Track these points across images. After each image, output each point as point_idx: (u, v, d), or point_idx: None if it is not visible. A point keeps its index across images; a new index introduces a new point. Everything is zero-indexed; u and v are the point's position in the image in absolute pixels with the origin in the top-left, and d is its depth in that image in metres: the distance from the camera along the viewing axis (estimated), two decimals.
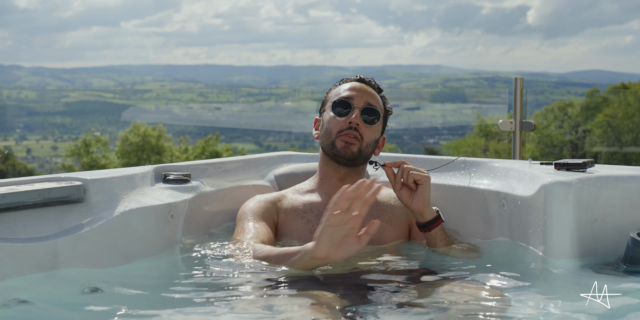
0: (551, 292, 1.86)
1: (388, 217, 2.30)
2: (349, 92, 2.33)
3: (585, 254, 2.09)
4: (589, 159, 2.27)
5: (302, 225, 2.26)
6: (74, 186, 2.10)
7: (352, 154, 2.28)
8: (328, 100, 2.37)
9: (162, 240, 2.22)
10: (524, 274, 2.00)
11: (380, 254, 2.19)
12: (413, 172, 2.17)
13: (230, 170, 2.62)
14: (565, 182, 2.10)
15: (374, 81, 2.41)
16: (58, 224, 2.02)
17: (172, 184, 2.38)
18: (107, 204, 2.13)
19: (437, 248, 2.21)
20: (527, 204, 2.19)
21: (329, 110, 2.33)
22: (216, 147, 18.25)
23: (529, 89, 5.11)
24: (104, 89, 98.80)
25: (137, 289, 1.86)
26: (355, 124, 2.27)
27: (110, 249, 2.07)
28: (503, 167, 2.43)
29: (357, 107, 2.29)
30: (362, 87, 2.35)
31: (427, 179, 2.17)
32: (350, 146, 2.27)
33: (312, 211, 2.28)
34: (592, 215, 2.13)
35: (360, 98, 2.31)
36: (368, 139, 2.29)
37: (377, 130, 2.32)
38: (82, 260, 2.00)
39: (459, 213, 2.44)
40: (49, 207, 2.05)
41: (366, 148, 2.30)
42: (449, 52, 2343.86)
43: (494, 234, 2.34)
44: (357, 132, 2.27)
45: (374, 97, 2.35)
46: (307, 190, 2.37)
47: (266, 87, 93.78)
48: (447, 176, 2.52)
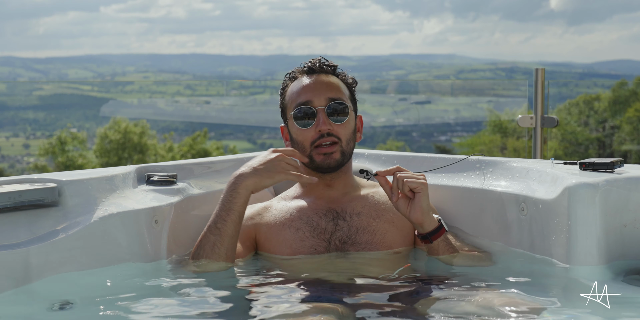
0: (575, 306, 1.86)
1: (390, 217, 2.30)
2: (305, 95, 2.29)
3: (614, 265, 2.09)
4: (617, 159, 2.27)
5: (291, 234, 2.25)
6: (48, 188, 2.10)
7: (336, 161, 2.28)
8: (286, 106, 2.35)
9: (146, 248, 2.21)
10: (544, 286, 2.00)
11: (388, 260, 2.19)
12: (408, 180, 2.15)
13: (220, 171, 2.62)
14: (592, 183, 2.10)
15: (322, 62, 2.35)
16: (30, 230, 2.02)
17: (157, 186, 2.38)
18: (85, 208, 2.13)
19: (439, 256, 2.21)
20: (549, 208, 2.19)
21: (292, 120, 2.31)
22: (204, 145, 18.26)
23: (551, 80, 5.12)
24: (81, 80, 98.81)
25: (116, 303, 1.86)
26: (326, 130, 2.26)
27: (87, 258, 2.07)
28: (522, 167, 2.43)
29: (320, 108, 2.27)
30: (316, 81, 2.31)
31: (424, 187, 2.16)
32: (330, 156, 2.27)
33: (301, 219, 2.27)
34: (621, 221, 2.13)
35: (319, 96, 2.28)
36: (346, 135, 2.29)
37: (350, 121, 2.31)
38: (57, 270, 2.00)
39: (473, 218, 2.44)
40: (20, 212, 2.05)
41: (347, 145, 2.30)
42: (463, 40, 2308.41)
43: (512, 241, 2.34)
44: (331, 137, 2.27)
45: (333, 86, 2.31)
46: (294, 196, 2.37)
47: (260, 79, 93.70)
48: (460, 177, 2.52)
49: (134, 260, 2.17)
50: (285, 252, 2.23)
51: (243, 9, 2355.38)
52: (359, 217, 2.27)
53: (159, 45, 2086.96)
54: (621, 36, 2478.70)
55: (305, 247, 2.22)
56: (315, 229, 2.24)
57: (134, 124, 17.85)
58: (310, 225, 2.25)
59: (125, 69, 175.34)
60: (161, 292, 1.96)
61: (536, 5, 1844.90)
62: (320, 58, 2.37)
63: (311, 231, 2.24)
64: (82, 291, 1.95)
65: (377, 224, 2.27)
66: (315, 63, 2.34)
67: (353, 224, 2.26)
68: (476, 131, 18.76)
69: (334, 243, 2.23)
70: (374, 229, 2.25)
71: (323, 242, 2.23)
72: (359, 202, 2.31)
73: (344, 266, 2.14)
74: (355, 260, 2.18)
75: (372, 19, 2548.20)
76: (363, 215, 2.27)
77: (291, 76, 2.37)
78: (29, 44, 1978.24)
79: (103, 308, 1.83)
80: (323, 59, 2.37)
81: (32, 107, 16.07)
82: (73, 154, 17.30)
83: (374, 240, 2.24)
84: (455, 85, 12.19)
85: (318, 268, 2.13)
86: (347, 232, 2.24)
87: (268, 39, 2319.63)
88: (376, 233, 2.25)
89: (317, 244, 2.22)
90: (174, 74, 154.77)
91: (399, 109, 9.15)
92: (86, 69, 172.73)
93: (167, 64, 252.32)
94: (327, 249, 2.22)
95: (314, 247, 2.22)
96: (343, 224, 2.26)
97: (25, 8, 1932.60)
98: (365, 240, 2.24)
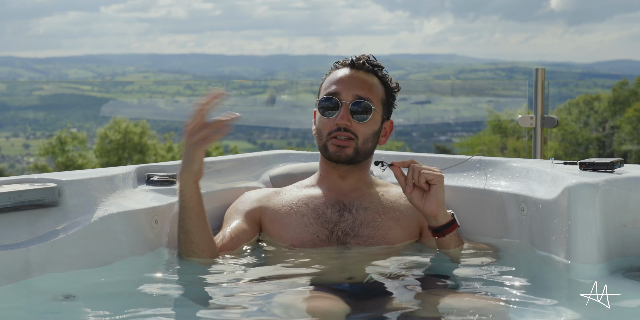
0: (575, 306, 1.86)
1: (396, 216, 2.31)
2: (335, 86, 2.31)
3: (614, 262, 2.09)
4: (617, 159, 2.27)
5: (296, 219, 2.28)
6: (48, 188, 2.10)
7: (347, 156, 2.29)
8: (320, 92, 2.38)
9: (146, 247, 2.22)
10: (544, 286, 2.00)
11: (388, 256, 2.19)
12: (425, 172, 2.17)
13: (220, 171, 2.63)
14: (592, 183, 2.10)
15: (368, 60, 2.36)
16: (30, 230, 2.02)
17: (157, 186, 2.38)
18: (85, 208, 2.13)
19: (449, 250, 2.22)
20: (549, 208, 2.19)
21: (317, 106, 2.34)
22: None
23: (551, 80, 5.12)
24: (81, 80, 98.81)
25: (116, 301, 1.87)
26: (344, 125, 2.27)
27: (87, 258, 2.07)
28: (522, 167, 2.43)
29: (345, 103, 2.28)
30: (352, 76, 2.32)
31: (440, 179, 2.17)
32: (343, 149, 2.28)
33: (308, 205, 2.30)
34: (621, 221, 2.13)
35: (348, 91, 2.29)
36: (364, 134, 2.30)
37: (373, 122, 2.31)
38: (57, 269, 2.00)
39: (473, 218, 2.44)
40: (20, 212, 2.05)
41: (364, 144, 2.30)
42: (463, 40, 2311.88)
43: (512, 240, 2.34)
44: (348, 132, 2.28)
45: (366, 85, 2.32)
46: (307, 185, 2.41)
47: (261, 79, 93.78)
48: (461, 177, 2.52)
49: (134, 260, 2.17)
50: (287, 236, 2.26)
51: (243, 9, 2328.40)
52: (365, 211, 2.29)
53: (159, 45, 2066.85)
54: (621, 36, 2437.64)
55: (307, 233, 2.24)
56: (320, 217, 2.27)
57: (134, 124, 17.86)
58: (316, 213, 2.28)
59: (125, 69, 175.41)
60: (161, 291, 1.97)
61: (536, 5, 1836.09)
62: (368, 56, 2.38)
63: (316, 219, 2.27)
64: (83, 290, 1.95)
65: (382, 220, 2.28)
66: (360, 59, 2.36)
67: (358, 217, 2.27)
68: (476, 131, 18.77)
69: (336, 233, 2.25)
70: (378, 224, 2.27)
71: (326, 231, 2.25)
72: (368, 197, 2.33)
73: (343, 261, 2.15)
74: (355, 255, 2.19)
75: (372, 19, 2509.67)
76: (369, 210, 2.29)
77: (336, 65, 2.39)
78: (29, 44, 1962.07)
79: (103, 305, 1.83)
80: (372, 57, 2.38)
81: (32, 107, 16.08)
82: (73, 154, 17.32)
83: (376, 235, 2.25)
84: (455, 85, 12.19)
85: (318, 262, 2.14)
86: (351, 224, 2.26)
87: (268, 39, 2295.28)
88: (379, 228, 2.26)
89: (320, 231, 2.25)
90: (174, 74, 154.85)
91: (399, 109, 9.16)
92: (86, 69, 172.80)
93: (167, 64, 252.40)
94: (328, 238, 2.24)
95: (316, 234, 2.24)
96: (348, 216, 2.27)
97: (25, 8, 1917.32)
98: (368, 234, 2.25)
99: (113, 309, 1.79)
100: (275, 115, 10.08)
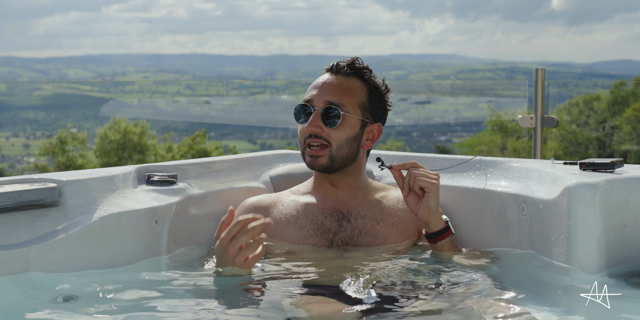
0: (575, 306, 1.86)
1: (394, 222, 2.30)
2: (310, 93, 2.29)
3: (613, 263, 2.09)
4: (617, 159, 2.27)
5: (295, 231, 2.27)
6: (48, 188, 2.10)
7: (321, 166, 2.27)
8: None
9: (146, 248, 2.22)
10: (544, 286, 2.00)
11: (388, 259, 2.19)
12: (420, 178, 2.16)
13: (220, 171, 2.63)
14: (592, 183, 2.10)
15: (351, 64, 2.29)
16: (30, 230, 2.02)
17: (157, 186, 2.38)
18: (85, 208, 2.13)
19: (442, 253, 2.22)
20: (549, 208, 2.19)
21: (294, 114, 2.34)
22: (204, 145, 18.27)
23: (551, 80, 5.12)
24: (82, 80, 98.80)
25: (117, 301, 1.87)
26: (313, 132, 2.25)
27: (87, 258, 2.07)
28: (522, 167, 2.43)
29: (317, 109, 2.25)
30: (326, 82, 2.28)
31: (434, 187, 2.16)
32: (316, 159, 2.26)
33: (307, 217, 2.29)
34: (621, 221, 2.13)
35: (320, 97, 2.26)
36: (337, 140, 2.25)
37: (347, 127, 2.26)
38: (57, 269, 2.00)
39: (473, 218, 2.44)
40: (20, 212, 2.05)
41: (338, 151, 2.26)
42: (464, 40, 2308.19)
43: (512, 241, 2.34)
44: (320, 139, 2.25)
45: (338, 90, 2.26)
46: (304, 192, 2.38)
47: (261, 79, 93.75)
48: (461, 177, 2.52)
49: (134, 260, 2.17)
50: (287, 247, 2.25)
51: (244, 9, 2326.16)
52: (363, 220, 2.28)
53: (160, 45, 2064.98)
54: (621, 36, 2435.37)
55: (307, 245, 2.24)
56: (320, 228, 2.26)
57: (133, 124, 17.86)
58: (315, 224, 2.27)
59: (125, 69, 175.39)
60: (161, 291, 1.96)
61: (537, 5, 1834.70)
62: (354, 59, 2.32)
63: (315, 230, 2.26)
64: (83, 290, 1.95)
65: (380, 228, 2.28)
66: (338, 63, 2.31)
67: (357, 226, 2.27)
68: (476, 131, 18.77)
69: (336, 243, 2.25)
70: (377, 232, 2.27)
71: (326, 242, 2.24)
72: (365, 205, 2.32)
73: (344, 263, 2.15)
74: (356, 258, 2.19)
75: (372, 19, 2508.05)
76: (367, 219, 2.28)
77: (323, 71, 2.36)
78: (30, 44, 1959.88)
79: (104, 305, 1.83)
80: (358, 60, 2.32)
81: (32, 107, 16.08)
82: (73, 154, 17.31)
83: (376, 243, 2.26)
84: (456, 85, 12.19)
85: (318, 264, 2.14)
86: (350, 233, 2.26)
87: (269, 39, 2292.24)
88: (378, 236, 2.26)
89: (320, 242, 2.24)
90: (174, 74, 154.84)
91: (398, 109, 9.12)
92: (86, 69, 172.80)
93: (168, 64, 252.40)
94: (329, 248, 2.24)
95: (316, 245, 2.24)
96: (347, 226, 2.27)
97: (26, 8, 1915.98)
98: (367, 243, 2.25)
99: (113, 309, 1.79)
100: (275, 115, 10.08)
